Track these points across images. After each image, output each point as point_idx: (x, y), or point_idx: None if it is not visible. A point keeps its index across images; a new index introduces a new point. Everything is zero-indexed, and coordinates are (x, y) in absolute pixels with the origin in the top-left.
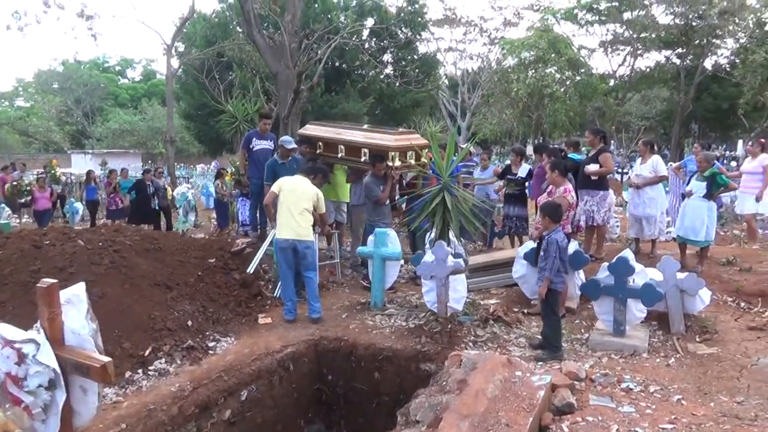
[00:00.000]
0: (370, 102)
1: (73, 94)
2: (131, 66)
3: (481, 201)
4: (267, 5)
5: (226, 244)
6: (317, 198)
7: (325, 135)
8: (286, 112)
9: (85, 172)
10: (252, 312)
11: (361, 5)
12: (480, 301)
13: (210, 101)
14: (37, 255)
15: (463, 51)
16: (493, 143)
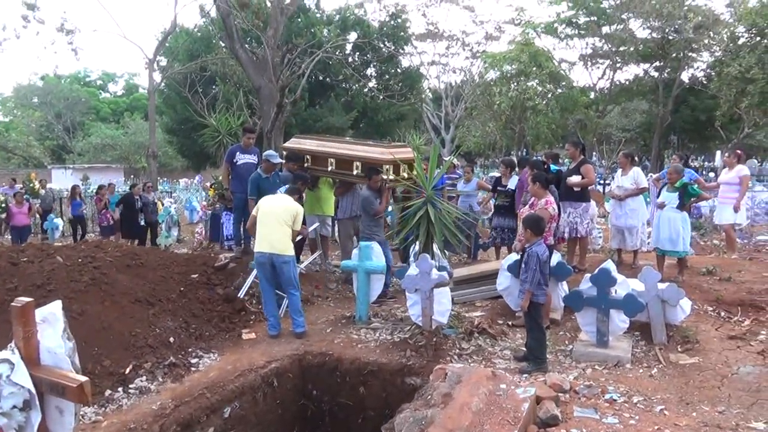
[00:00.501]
0: (354, 116)
1: (54, 109)
2: (113, 80)
3: (465, 213)
4: (250, 20)
5: (209, 259)
6: (296, 214)
7: (313, 148)
8: (269, 126)
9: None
10: (236, 327)
11: (344, 20)
12: (465, 313)
13: (193, 115)
14: (14, 272)
15: (446, 65)
16: (477, 155)
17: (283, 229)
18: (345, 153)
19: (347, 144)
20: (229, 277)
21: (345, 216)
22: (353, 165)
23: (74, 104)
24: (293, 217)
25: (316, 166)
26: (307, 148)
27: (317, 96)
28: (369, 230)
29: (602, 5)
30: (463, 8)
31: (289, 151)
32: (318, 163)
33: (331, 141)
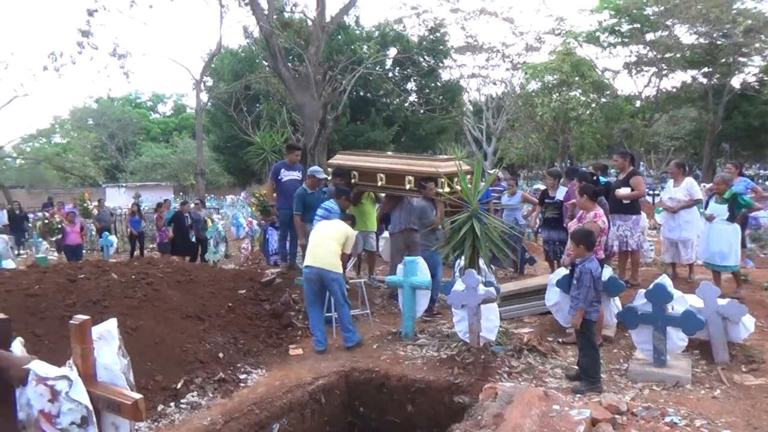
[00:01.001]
0: (395, 130)
1: (107, 130)
2: (162, 101)
3: (510, 227)
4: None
5: (256, 275)
6: (348, 236)
7: (361, 164)
8: (312, 142)
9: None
10: (283, 343)
11: (384, 35)
12: (513, 330)
13: (238, 133)
14: (72, 289)
15: (486, 77)
16: (520, 168)
17: (333, 245)
18: (396, 168)
19: (396, 159)
20: (275, 293)
21: (396, 230)
22: (405, 179)
23: (126, 125)
24: (345, 238)
25: (364, 181)
26: (353, 164)
27: (358, 111)
28: (427, 241)
29: (645, 12)
30: (502, 20)
31: (335, 167)
32: (366, 179)
33: (377, 156)
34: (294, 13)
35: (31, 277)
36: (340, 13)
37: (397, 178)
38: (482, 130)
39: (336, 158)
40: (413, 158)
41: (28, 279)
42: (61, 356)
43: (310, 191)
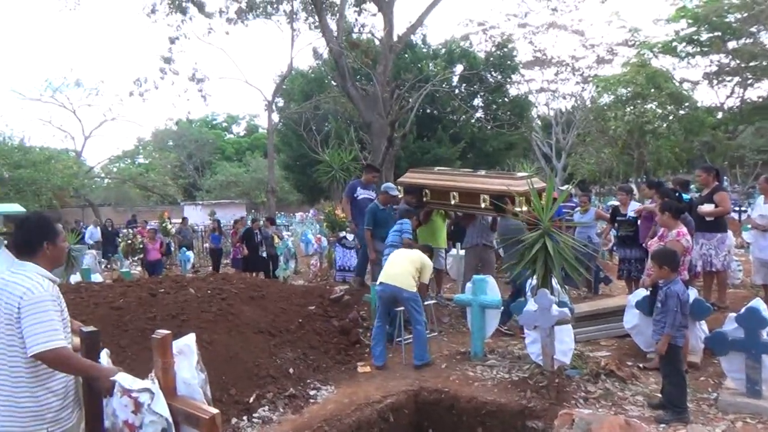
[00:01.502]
0: (462, 146)
1: (186, 150)
2: (236, 122)
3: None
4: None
5: (325, 292)
6: (423, 265)
7: (433, 182)
8: (380, 160)
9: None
10: (351, 360)
11: (450, 53)
12: (589, 353)
13: (308, 152)
14: (153, 303)
15: (556, 91)
16: (592, 183)
17: (408, 266)
18: (470, 186)
19: (469, 176)
20: (344, 309)
21: (469, 246)
22: (480, 198)
23: (203, 145)
24: (421, 264)
25: (436, 200)
26: (425, 182)
27: (425, 128)
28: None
29: (727, 19)
30: (572, 33)
31: (407, 185)
32: (439, 197)
33: (449, 174)
34: (362, 33)
35: (116, 291)
36: (407, 33)
37: (471, 197)
38: (551, 145)
39: (406, 176)
40: (488, 175)
41: (114, 292)
42: (142, 367)
43: (381, 207)
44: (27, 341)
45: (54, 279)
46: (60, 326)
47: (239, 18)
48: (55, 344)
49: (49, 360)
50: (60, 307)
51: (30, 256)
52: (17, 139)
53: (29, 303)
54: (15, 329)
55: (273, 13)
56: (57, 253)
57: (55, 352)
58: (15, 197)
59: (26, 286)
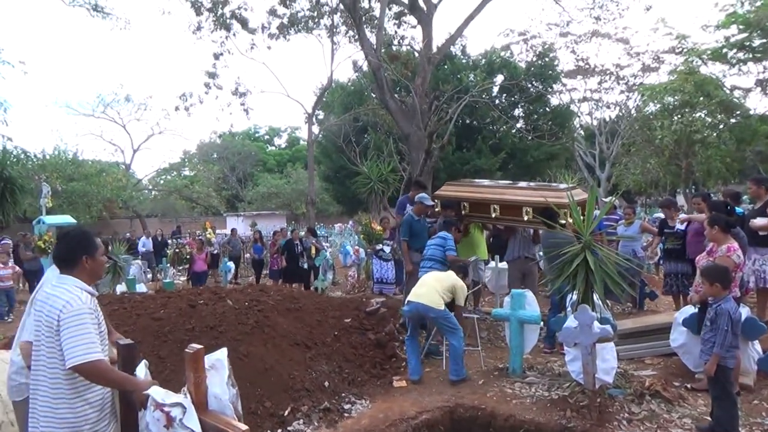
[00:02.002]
0: (502, 157)
1: (229, 162)
2: (278, 134)
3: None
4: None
5: (361, 304)
6: (454, 287)
7: (472, 195)
8: (418, 171)
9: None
10: (386, 374)
11: (490, 63)
12: (632, 371)
13: (347, 163)
14: (192, 314)
15: (599, 100)
16: (637, 194)
17: (436, 285)
18: (512, 199)
19: (510, 188)
20: (380, 323)
21: (512, 258)
22: (522, 211)
23: (246, 158)
24: (452, 287)
25: (476, 213)
26: (463, 195)
27: (464, 139)
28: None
29: None
30: (615, 41)
31: (444, 198)
32: (478, 210)
33: (488, 186)
34: (402, 46)
35: (157, 302)
36: (446, 44)
37: (513, 209)
38: (595, 155)
39: (444, 189)
40: (529, 187)
41: (155, 303)
42: (180, 378)
43: (416, 218)
44: (65, 353)
45: (93, 292)
46: (97, 339)
47: (281, 33)
48: (93, 357)
49: (86, 372)
50: (98, 320)
51: (70, 269)
52: (71, 153)
53: (68, 316)
54: (55, 341)
55: (314, 28)
56: (96, 267)
57: (91, 364)
58: (68, 209)
59: (65, 299)
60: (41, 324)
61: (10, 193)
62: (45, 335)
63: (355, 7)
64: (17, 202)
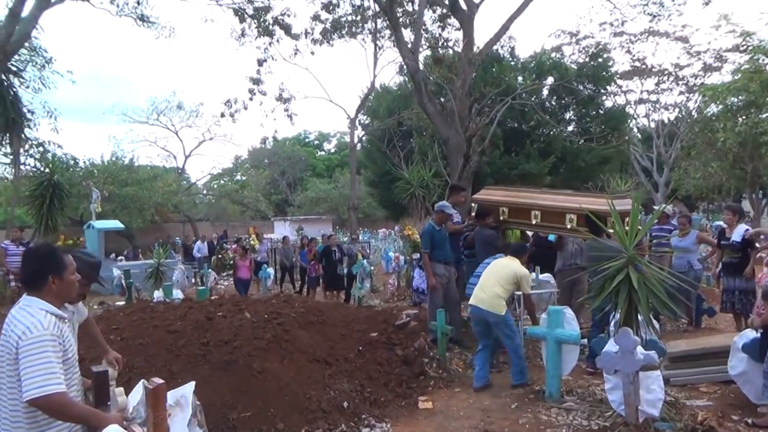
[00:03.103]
0: (552, 161)
1: (279, 167)
2: (327, 139)
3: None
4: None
5: (390, 317)
6: (518, 277)
7: (512, 200)
8: (456, 177)
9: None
10: (413, 393)
11: (540, 65)
12: (685, 401)
13: (392, 168)
14: (208, 327)
15: (657, 102)
16: (698, 200)
17: (497, 289)
18: (555, 205)
19: (552, 194)
20: (409, 337)
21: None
22: (566, 218)
23: (295, 163)
24: (515, 278)
25: (515, 218)
26: (502, 199)
27: (513, 143)
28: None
29: None
30: (674, 40)
31: (481, 204)
32: (518, 216)
33: (528, 191)
34: (447, 48)
35: (177, 313)
36: (488, 45)
37: (555, 216)
38: (652, 159)
39: (482, 193)
40: (573, 194)
41: (175, 314)
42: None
43: (438, 228)
44: (23, 385)
45: (61, 315)
46: (58, 369)
47: (324, 38)
48: (50, 390)
49: (43, 407)
50: (63, 346)
51: (36, 291)
52: (127, 159)
53: (27, 343)
54: (14, 371)
55: (358, 32)
56: (64, 288)
57: (49, 398)
58: (121, 213)
59: (26, 325)
60: (3, 350)
61: (58, 199)
62: (6, 363)
63: (392, 9)
64: (64, 208)
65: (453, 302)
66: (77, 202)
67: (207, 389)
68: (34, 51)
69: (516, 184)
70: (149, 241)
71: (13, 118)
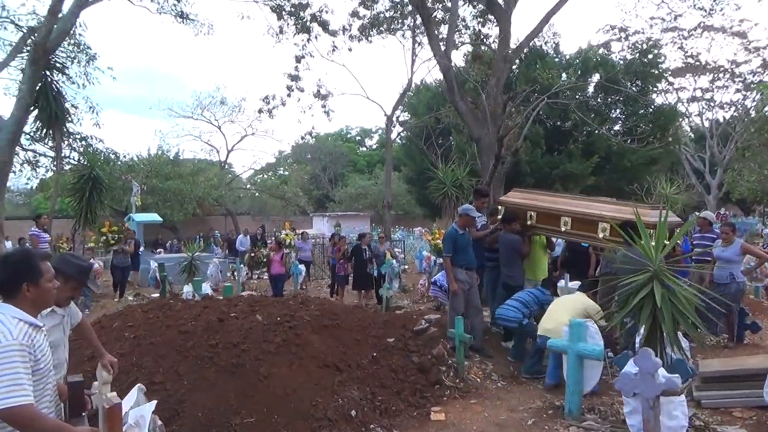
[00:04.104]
0: (596, 161)
1: (321, 163)
2: (369, 135)
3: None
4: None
5: (409, 321)
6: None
7: (542, 204)
8: (487, 177)
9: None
10: (426, 403)
11: (585, 62)
12: (715, 426)
13: (429, 166)
14: (219, 329)
15: (711, 100)
16: (754, 203)
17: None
18: (588, 212)
19: (584, 201)
20: (427, 343)
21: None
22: (598, 227)
23: (337, 158)
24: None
25: (543, 224)
26: (532, 203)
27: (554, 142)
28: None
29: None
30: (731, 35)
31: (508, 208)
32: (547, 222)
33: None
34: (486, 45)
35: (192, 312)
36: (524, 42)
37: (587, 224)
38: (704, 159)
39: (510, 195)
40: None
41: (189, 314)
42: (198, 396)
43: (461, 232)
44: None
45: (36, 323)
46: (26, 380)
47: (362, 35)
48: (15, 401)
49: (7, 419)
50: (34, 356)
51: (11, 298)
52: (172, 153)
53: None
54: None
55: (397, 29)
56: (41, 295)
57: (12, 411)
58: (162, 206)
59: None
60: None
61: (98, 192)
62: None
63: (424, 6)
64: (103, 201)
65: (475, 309)
66: (121, 195)
67: (212, 392)
68: (79, 47)
69: (557, 184)
70: (192, 233)
71: (55, 113)
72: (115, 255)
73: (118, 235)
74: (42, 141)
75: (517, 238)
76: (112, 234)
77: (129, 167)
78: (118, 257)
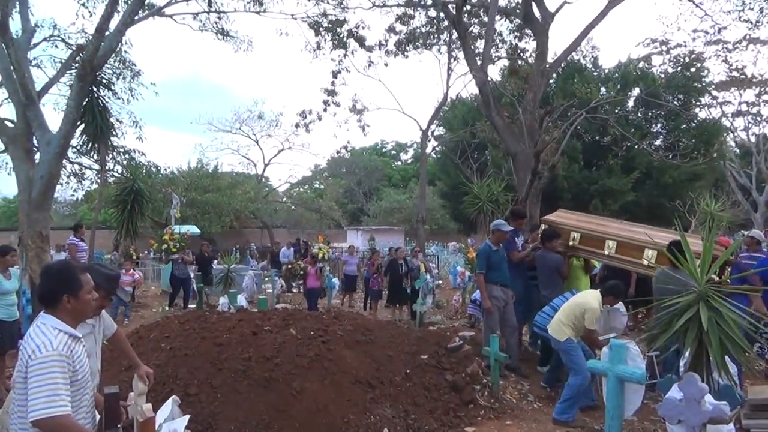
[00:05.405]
0: (636, 177)
1: (356, 177)
2: (404, 150)
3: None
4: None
5: (443, 338)
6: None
7: (587, 225)
8: (524, 193)
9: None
10: (460, 423)
11: (625, 75)
12: None
13: (465, 181)
14: (252, 342)
15: (758, 114)
16: None
17: (560, 315)
18: (635, 238)
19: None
20: (461, 361)
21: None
22: (644, 253)
23: (372, 172)
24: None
25: (586, 246)
26: (577, 224)
27: (593, 157)
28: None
29: None
30: None
31: (550, 226)
32: (590, 244)
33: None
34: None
35: (227, 324)
36: (562, 56)
37: (632, 250)
38: (751, 176)
39: (556, 215)
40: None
41: (224, 326)
42: (231, 410)
43: (494, 248)
44: (28, 405)
45: (75, 334)
46: (64, 390)
47: (399, 50)
48: (53, 412)
49: (45, 428)
50: (72, 366)
51: (51, 309)
52: (212, 166)
53: (35, 363)
54: (24, 389)
55: (434, 44)
56: (80, 306)
57: (50, 420)
58: (201, 218)
59: (37, 344)
60: (20, 366)
61: (139, 205)
62: (18, 380)
63: (461, 21)
64: (144, 213)
65: (510, 327)
66: (161, 207)
67: (244, 406)
68: (124, 64)
69: (595, 200)
70: (229, 245)
71: (101, 128)
72: (175, 265)
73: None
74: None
75: (559, 258)
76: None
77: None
78: (179, 268)
